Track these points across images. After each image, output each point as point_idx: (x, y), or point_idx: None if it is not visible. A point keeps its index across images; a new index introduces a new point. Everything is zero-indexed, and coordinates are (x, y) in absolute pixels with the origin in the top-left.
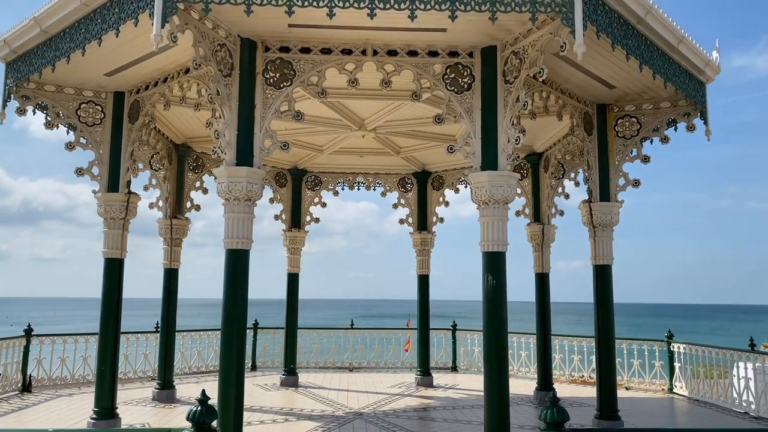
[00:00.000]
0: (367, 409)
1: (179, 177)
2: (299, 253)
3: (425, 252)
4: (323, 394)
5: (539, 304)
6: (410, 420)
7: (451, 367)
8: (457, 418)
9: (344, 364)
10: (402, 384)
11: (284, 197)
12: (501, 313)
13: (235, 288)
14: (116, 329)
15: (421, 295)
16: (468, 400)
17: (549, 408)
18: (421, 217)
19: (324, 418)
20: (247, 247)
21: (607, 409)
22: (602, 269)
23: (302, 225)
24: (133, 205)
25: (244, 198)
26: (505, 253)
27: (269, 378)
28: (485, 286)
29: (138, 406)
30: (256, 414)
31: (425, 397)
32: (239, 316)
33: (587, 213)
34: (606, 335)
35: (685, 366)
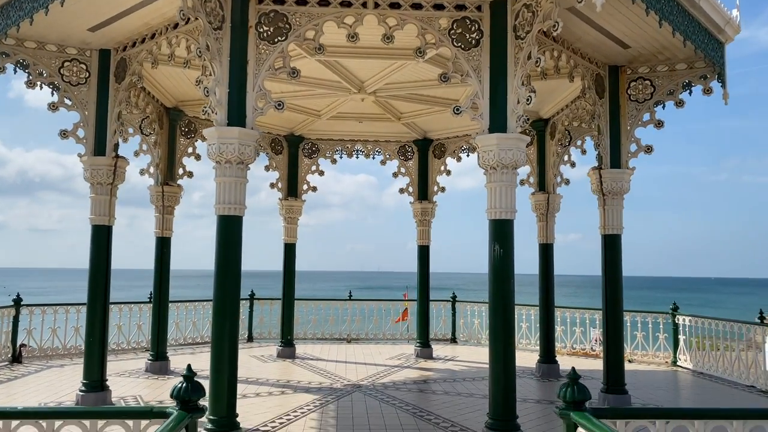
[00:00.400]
0: (365, 381)
1: (170, 142)
2: (296, 222)
3: (426, 222)
4: (321, 365)
5: (543, 275)
6: (410, 392)
7: (450, 338)
8: (458, 391)
9: (342, 335)
10: (401, 356)
11: (280, 165)
12: (508, 284)
13: (227, 256)
14: (105, 299)
15: (421, 267)
16: (468, 372)
17: (569, 386)
18: (421, 187)
19: (321, 391)
20: (239, 213)
21: (613, 382)
22: (611, 239)
23: (299, 194)
24: (121, 169)
25: (236, 161)
26: (513, 221)
27: (266, 349)
28: (492, 256)
29: (130, 378)
30: (252, 386)
31: (425, 369)
32: (232, 285)
33: (597, 180)
34: (614, 307)
35: (690, 339)
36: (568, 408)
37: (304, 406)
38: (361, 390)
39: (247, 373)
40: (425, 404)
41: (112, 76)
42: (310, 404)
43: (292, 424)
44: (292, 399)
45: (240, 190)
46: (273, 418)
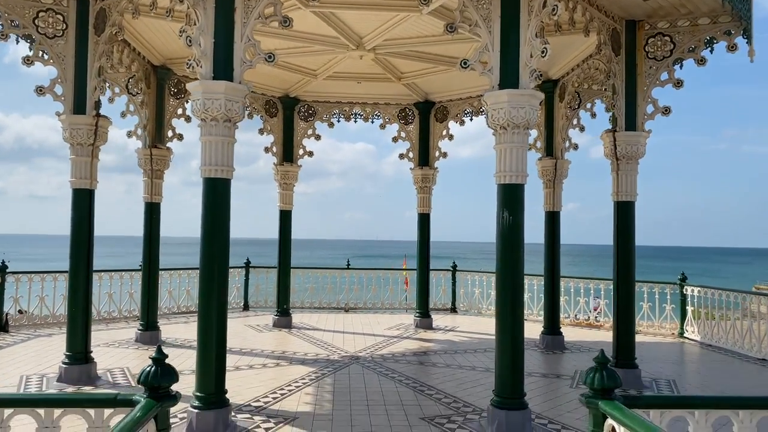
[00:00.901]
0: (363, 352)
1: (159, 103)
2: (292, 189)
3: (426, 189)
4: (318, 336)
5: (548, 244)
6: (410, 365)
7: (450, 308)
8: (460, 364)
9: (340, 304)
10: (400, 326)
11: (275, 128)
12: (517, 253)
13: (214, 222)
14: (88, 267)
15: (422, 235)
16: (469, 344)
17: (597, 371)
18: (422, 152)
19: (318, 363)
20: (227, 175)
21: (624, 356)
22: (625, 206)
23: (295, 159)
24: (103, 129)
25: (222, 118)
26: (524, 185)
27: (262, 318)
28: (500, 223)
29: (119, 349)
30: (246, 357)
31: (425, 340)
32: (220, 253)
33: (610, 144)
34: (626, 277)
35: (698, 310)
36: (595, 396)
37: (299, 379)
38: (359, 362)
39: (241, 343)
40: (426, 378)
41: (91, 27)
42: (306, 378)
43: (286, 399)
44: (287, 372)
45: (227, 151)
46: (266, 392)
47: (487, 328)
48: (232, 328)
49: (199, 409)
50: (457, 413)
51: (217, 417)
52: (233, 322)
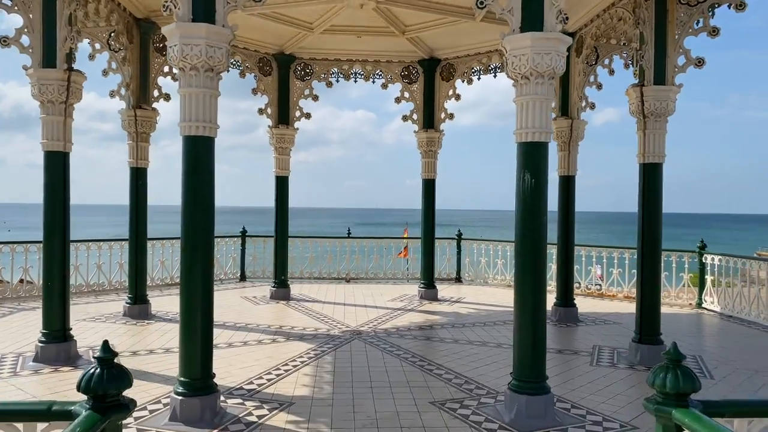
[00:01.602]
0: (366, 326)
1: (143, 59)
2: (288, 153)
3: (431, 153)
4: (317, 308)
5: (563, 211)
6: (416, 341)
7: (455, 278)
8: (469, 338)
9: (341, 274)
10: (404, 297)
11: (269, 88)
12: (540, 220)
13: (196, 186)
14: (64, 236)
15: (426, 202)
16: (477, 316)
17: (669, 370)
18: (427, 113)
19: (317, 338)
20: (210, 133)
21: (648, 331)
22: (651, 169)
23: (291, 121)
24: (77, 85)
25: (203, 67)
26: (548, 144)
27: (259, 289)
28: (520, 186)
29: (106, 324)
30: (241, 333)
31: (430, 313)
32: (203, 220)
33: (637, 99)
34: (652, 246)
35: (718, 279)
36: (667, 402)
37: (297, 357)
38: (361, 337)
39: (236, 317)
40: (433, 355)
41: None
42: (304, 355)
43: (282, 380)
44: (284, 349)
45: (210, 105)
46: (260, 372)
47: (495, 299)
48: (228, 300)
49: (183, 396)
50: (470, 396)
51: (203, 404)
52: (229, 294)
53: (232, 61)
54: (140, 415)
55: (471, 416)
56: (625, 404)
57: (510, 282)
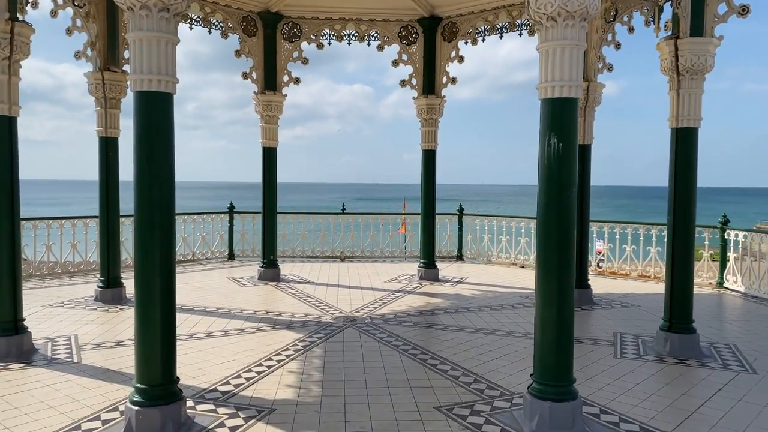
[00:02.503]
0: (361, 311)
1: (110, 15)
2: (276, 122)
3: (432, 122)
4: (309, 290)
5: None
6: (416, 328)
7: (456, 256)
8: (475, 325)
9: (335, 253)
10: (402, 277)
11: (255, 50)
12: (567, 192)
13: (150, 153)
14: (12, 215)
15: (426, 175)
16: (482, 299)
17: None
18: (427, 78)
19: (307, 326)
20: (167, 88)
21: (679, 318)
22: (685, 134)
23: (278, 86)
24: (23, 39)
25: (157, 6)
26: (578, 100)
27: (248, 269)
28: (545, 151)
29: (75, 309)
30: (222, 320)
31: (431, 295)
32: (160, 194)
33: (671, 54)
34: (685, 220)
35: (743, 257)
36: None
37: (283, 350)
38: (356, 325)
39: (220, 300)
40: (436, 346)
41: None
42: (291, 347)
43: (264, 379)
44: (269, 340)
45: (166, 54)
46: (239, 370)
47: (500, 279)
48: (213, 281)
49: (140, 406)
50: (481, 399)
51: (164, 415)
52: (215, 274)
53: (213, 21)
54: (91, 427)
55: (484, 426)
56: (663, 407)
57: (514, 260)
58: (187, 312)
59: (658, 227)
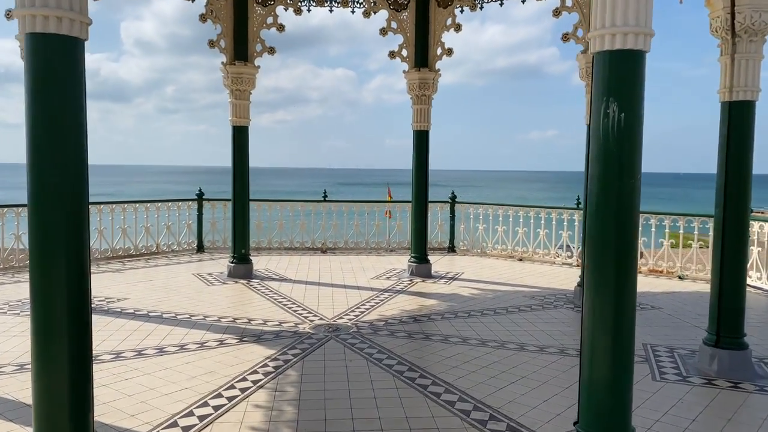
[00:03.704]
0: (345, 317)
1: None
2: (247, 97)
3: (425, 99)
4: (285, 290)
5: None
6: (411, 341)
7: (447, 247)
8: (481, 336)
9: (315, 244)
10: (391, 273)
11: (222, 14)
12: (631, 181)
13: (49, 119)
14: None
15: (419, 158)
16: (484, 300)
17: None
18: (420, 49)
19: (281, 338)
20: (73, 31)
21: (729, 331)
22: (740, 108)
23: (250, 56)
24: None
25: None
26: (646, 54)
27: (217, 263)
28: (601, 126)
29: (7, 316)
30: (180, 330)
31: (425, 295)
32: (63, 174)
33: (724, 11)
34: (738, 212)
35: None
36: None
37: (249, 373)
38: (339, 336)
39: (181, 304)
40: (438, 366)
41: None
42: (259, 370)
43: (221, 419)
44: (233, 358)
45: None
46: (193, 404)
47: (498, 274)
48: (176, 279)
49: None
50: None
51: None
52: (180, 270)
53: None
54: None
55: None
56: None
57: (512, 252)
58: (140, 318)
59: (671, 217)
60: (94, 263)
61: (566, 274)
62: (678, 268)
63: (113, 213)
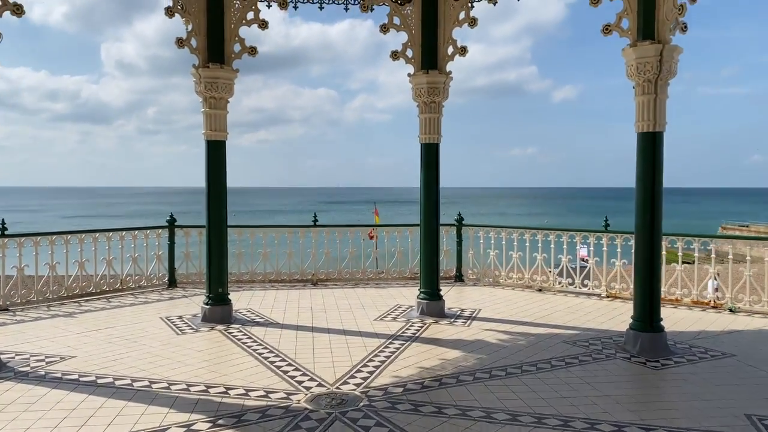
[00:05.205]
0: (351, 382)
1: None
2: (224, 107)
3: (434, 106)
4: (272, 339)
5: (644, 185)
6: (445, 420)
7: (454, 276)
8: (534, 410)
9: (305, 275)
10: (396, 311)
11: (194, 7)
12: None
13: None
14: None
15: (428, 175)
16: (518, 350)
17: None
18: (427, 48)
19: (267, 421)
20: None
21: None
22: None
23: (227, 58)
24: None
25: None
26: None
27: (190, 303)
28: None
29: None
30: (133, 409)
31: (444, 344)
32: None
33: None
34: None
35: None
36: None
37: None
38: (347, 414)
39: (140, 365)
40: None
41: None
42: None
43: None
44: None
45: None
46: None
47: (521, 310)
48: (140, 324)
49: None
50: None
51: None
52: (147, 312)
53: None
54: None
55: None
56: None
57: (529, 282)
58: (85, 388)
59: (716, 240)
60: (43, 305)
61: (597, 307)
62: (728, 300)
63: (68, 245)
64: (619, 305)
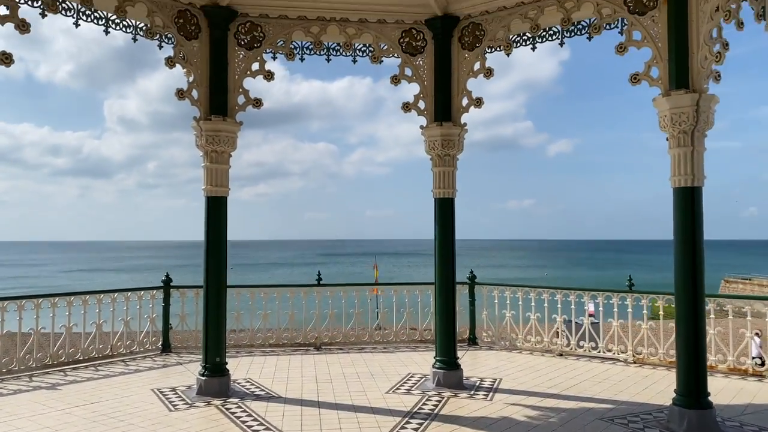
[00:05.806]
0: None
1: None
2: (226, 161)
3: (449, 160)
4: (274, 419)
5: (683, 242)
6: None
7: (468, 339)
8: None
9: (308, 338)
10: (409, 381)
11: (196, 59)
12: None
13: None
14: None
15: (443, 231)
16: (551, 428)
17: None
18: (441, 99)
19: None
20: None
21: None
22: None
23: (231, 110)
24: None
25: None
26: None
27: (185, 372)
28: None
29: None
30: None
31: (466, 424)
32: None
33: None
34: None
35: None
36: None
37: None
38: None
39: None
40: None
41: None
42: None
43: None
44: None
45: None
46: None
47: (546, 380)
48: (132, 398)
49: None
50: None
51: None
52: (139, 383)
53: (140, 24)
54: None
55: None
56: None
57: (549, 346)
58: None
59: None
60: (25, 375)
61: (626, 375)
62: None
63: (55, 308)
64: (649, 372)
